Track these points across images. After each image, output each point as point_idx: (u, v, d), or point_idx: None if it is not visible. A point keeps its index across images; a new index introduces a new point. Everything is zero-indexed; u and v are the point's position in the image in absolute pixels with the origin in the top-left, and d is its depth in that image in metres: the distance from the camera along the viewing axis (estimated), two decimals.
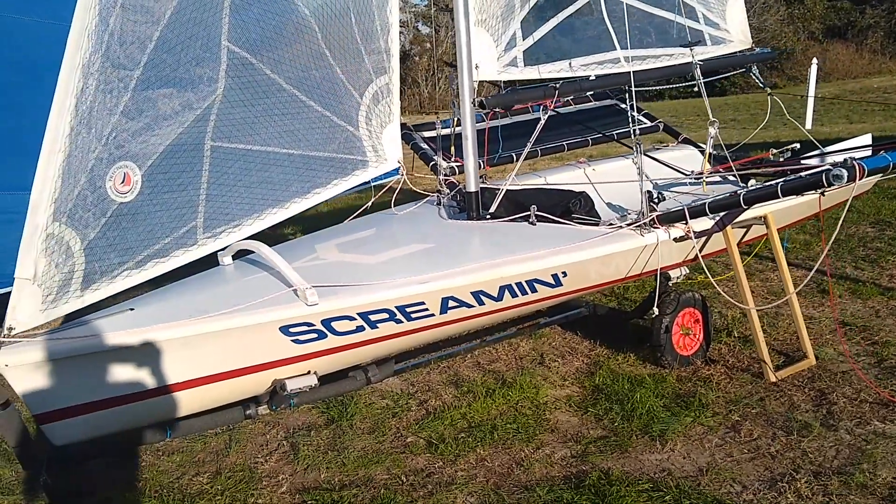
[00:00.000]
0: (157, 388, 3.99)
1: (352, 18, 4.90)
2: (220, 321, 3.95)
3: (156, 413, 4.13)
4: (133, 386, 3.93)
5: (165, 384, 3.99)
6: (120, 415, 3.96)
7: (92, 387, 3.85)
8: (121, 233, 4.04)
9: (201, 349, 3.99)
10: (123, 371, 3.87)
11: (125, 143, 4.01)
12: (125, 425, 4.09)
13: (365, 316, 4.29)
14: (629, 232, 4.79)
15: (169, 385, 4.01)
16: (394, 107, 5.01)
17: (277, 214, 4.60)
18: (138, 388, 3.95)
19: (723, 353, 5.39)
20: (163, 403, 4.05)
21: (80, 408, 3.86)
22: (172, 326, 3.88)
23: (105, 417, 3.93)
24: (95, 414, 3.89)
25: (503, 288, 4.56)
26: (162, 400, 4.03)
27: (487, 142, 6.17)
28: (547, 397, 4.93)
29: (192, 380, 4.07)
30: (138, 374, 3.92)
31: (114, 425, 4.04)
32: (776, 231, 5.21)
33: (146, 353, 3.85)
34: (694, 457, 4.15)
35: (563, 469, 4.12)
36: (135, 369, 3.90)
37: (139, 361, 3.88)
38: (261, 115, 4.44)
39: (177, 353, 3.94)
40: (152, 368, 3.94)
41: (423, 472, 4.19)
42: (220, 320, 3.95)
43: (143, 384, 3.95)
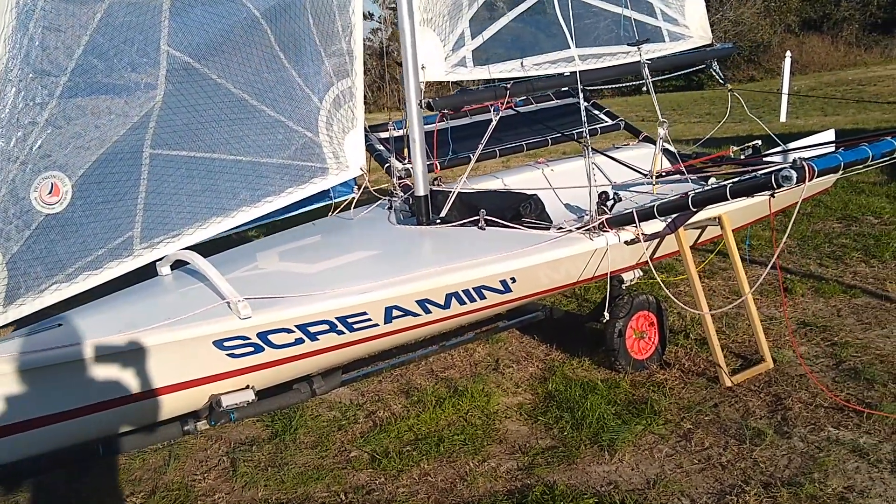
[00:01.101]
0: (90, 406, 3.84)
1: (309, 19, 4.72)
2: (150, 335, 3.79)
3: (89, 431, 3.97)
4: (65, 403, 3.78)
5: (97, 401, 3.84)
6: (49, 434, 3.81)
7: (19, 406, 3.69)
8: (48, 245, 3.88)
9: (133, 365, 3.83)
10: (52, 389, 3.71)
11: (52, 153, 3.84)
12: (56, 444, 3.93)
13: (304, 328, 4.14)
14: (578, 236, 4.66)
15: (102, 402, 3.86)
16: (357, 111, 4.86)
17: (222, 224, 4.44)
18: (69, 405, 3.79)
19: (679, 356, 5.28)
20: (96, 421, 3.90)
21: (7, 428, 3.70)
22: (101, 342, 3.72)
23: (33, 437, 3.77)
24: (24, 434, 3.74)
25: (450, 296, 4.43)
26: (95, 418, 3.87)
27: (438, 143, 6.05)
28: (498, 405, 4.80)
29: (125, 396, 3.92)
30: (68, 391, 3.76)
31: (44, 445, 3.88)
32: (731, 232, 5.10)
33: (74, 369, 3.69)
34: (643, 468, 4.03)
35: (508, 483, 3.99)
36: (64, 386, 3.74)
37: (68, 378, 3.72)
38: (207, 121, 4.27)
39: (107, 370, 3.79)
40: (82, 385, 3.79)
41: (363, 488, 4.05)
42: (150, 335, 3.80)
43: (76, 401, 3.80)
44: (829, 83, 24.69)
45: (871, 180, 9.63)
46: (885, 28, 29.78)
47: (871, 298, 6.05)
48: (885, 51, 29.35)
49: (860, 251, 7.18)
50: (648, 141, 7.08)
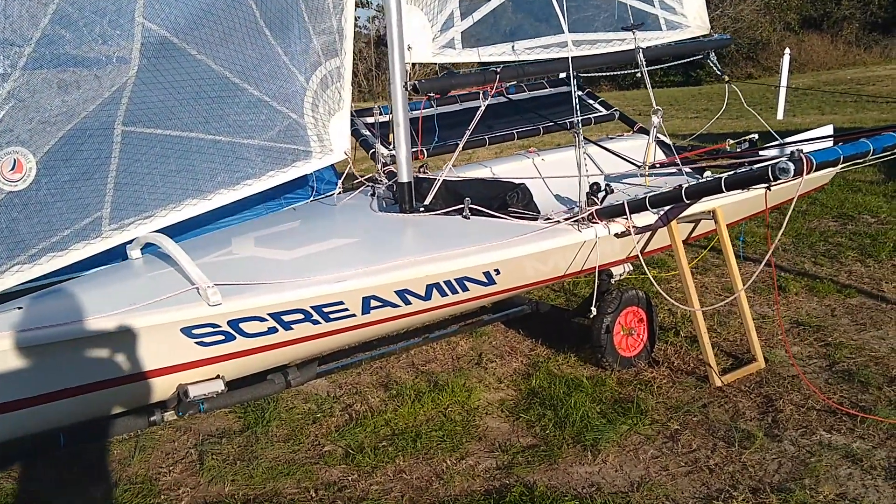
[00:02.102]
0: (49, 394, 3.66)
1: None
2: (115, 320, 3.61)
3: (49, 420, 3.80)
4: (22, 391, 3.60)
5: (58, 389, 3.66)
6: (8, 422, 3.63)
7: None
8: (10, 224, 3.68)
9: (96, 351, 3.65)
10: (9, 375, 3.53)
11: (14, 128, 3.63)
12: (14, 433, 3.76)
13: (277, 317, 3.96)
14: (566, 227, 4.48)
15: (62, 390, 3.68)
16: (344, 93, 4.67)
17: (198, 206, 4.26)
18: (27, 392, 3.61)
19: (668, 354, 5.11)
20: (56, 410, 3.72)
21: None
22: (62, 326, 3.54)
23: None
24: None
25: (431, 286, 4.25)
26: (55, 406, 3.69)
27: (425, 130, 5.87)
28: (479, 401, 4.63)
29: (88, 384, 3.74)
30: (27, 377, 3.58)
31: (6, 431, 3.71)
32: (724, 227, 4.92)
33: (34, 355, 3.51)
34: (627, 470, 3.87)
35: (486, 483, 3.82)
36: (23, 373, 3.56)
37: (27, 364, 3.53)
38: (184, 98, 4.07)
39: (69, 356, 3.61)
40: (41, 372, 3.60)
41: (335, 485, 3.88)
42: (115, 320, 3.61)
43: (33, 389, 3.62)
44: (827, 82, 24.50)
45: (868, 179, 9.48)
46: (885, 28, 29.61)
47: (867, 298, 5.90)
48: (884, 51, 29.19)
49: (856, 250, 7.02)
50: (643, 132, 6.89)
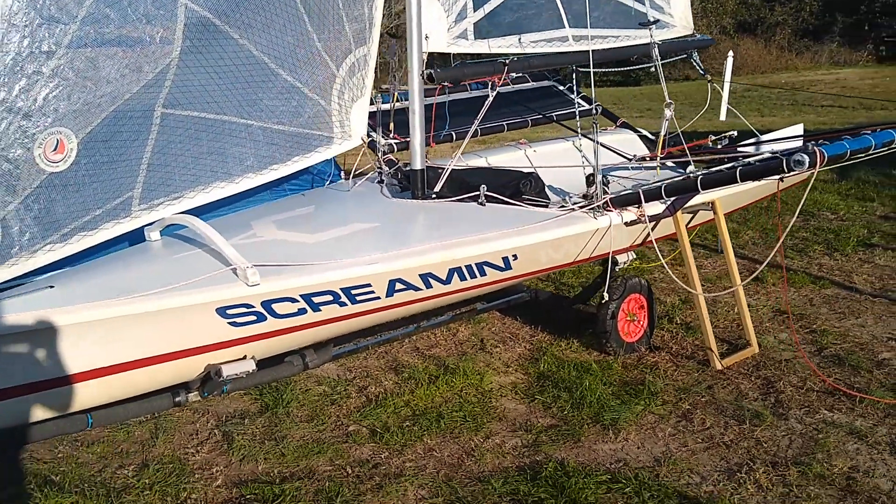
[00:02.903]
0: (80, 373, 3.65)
1: None
2: (151, 301, 3.62)
3: (77, 400, 3.79)
4: (53, 370, 3.58)
5: (89, 369, 3.66)
6: (37, 402, 3.62)
7: (6, 372, 3.49)
8: (48, 204, 3.65)
9: (130, 331, 3.66)
10: (42, 354, 3.51)
11: (58, 107, 3.61)
12: (43, 413, 3.74)
13: (308, 298, 4.02)
14: (581, 215, 4.64)
15: (93, 370, 3.67)
16: (367, 80, 4.74)
17: (226, 189, 4.28)
18: (58, 372, 3.60)
19: (665, 340, 5.32)
20: (85, 390, 3.71)
21: None
22: (98, 306, 3.54)
23: (20, 405, 3.58)
24: (10, 401, 3.54)
25: (452, 271, 4.36)
26: (85, 386, 3.69)
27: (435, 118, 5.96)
28: (492, 384, 4.76)
29: (118, 364, 3.74)
30: (59, 357, 3.57)
31: (30, 413, 3.69)
32: (723, 218, 5.16)
33: (69, 335, 3.50)
34: (648, 446, 4.05)
35: (516, 459, 3.96)
36: (55, 352, 3.54)
37: (60, 344, 3.52)
38: (224, 82, 4.09)
39: (103, 336, 3.61)
40: (75, 351, 3.59)
41: (368, 462, 3.97)
42: (151, 300, 3.62)
43: (65, 369, 3.61)
44: (763, 84, 25.29)
45: (822, 178, 9.89)
46: (816, 34, 30.64)
47: (840, 289, 6.21)
48: (815, 56, 30.21)
49: (822, 244, 7.38)
50: (626, 127, 7.14)
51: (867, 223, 8.01)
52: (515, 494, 3.64)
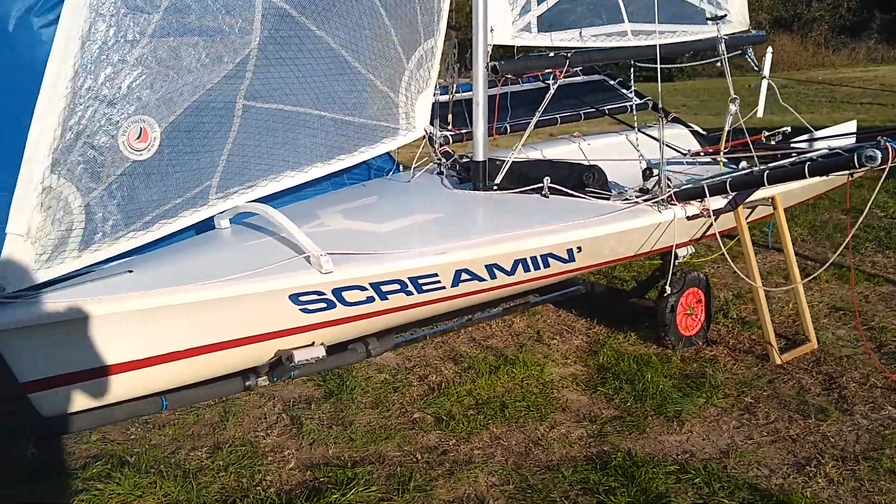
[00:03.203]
0: (158, 356, 3.74)
1: None
2: (230, 287, 3.70)
3: (153, 383, 3.88)
4: (131, 353, 3.67)
5: (166, 352, 3.75)
6: (115, 384, 3.71)
7: (87, 354, 3.57)
8: (131, 192, 3.72)
9: (207, 316, 3.74)
10: (122, 337, 3.60)
11: (142, 95, 3.68)
12: (120, 396, 3.83)
13: (377, 286, 4.08)
14: (645, 208, 4.67)
15: (170, 353, 3.76)
16: (433, 72, 4.79)
17: (295, 178, 4.35)
18: (137, 355, 3.69)
19: (722, 334, 5.34)
20: (161, 373, 3.81)
21: (72, 376, 3.59)
22: (180, 291, 3.62)
23: (99, 386, 3.67)
24: (89, 383, 3.63)
25: (518, 262, 4.41)
26: (161, 369, 3.78)
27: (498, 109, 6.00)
28: (552, 375, 4.80)
29: (194, 348, 3.83)
30: (138, 340, 3.66)
31: (108, 395, 3.78)
32: (783, 213, 5.16)
33: (149, 318, 3.58)
34: (713, 439, 4.08)
35: (584, 449, 4.00)
36: (134, 335, 3.63)
37: (140, 327, 3.61)
38: (303, 75, 4.15)
39: (181, 320, 3.69)
40: (154, 335, 3.69)
41: (436, 449, 4.02)
42: (230, 286, 3.70)
43: (143, 351, 3.70)
44: (801, 81, 25.08)
45: (868, 175, 9.81)
46: (853, 31, 30.33)
47: (895, 287, 6.18)
48: (851, 53, 29.90)
49: (873, 242, 7.34)
50: (677, 122, 7.14)
51: None
52: (586, 483, 3.69)
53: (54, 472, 3.86)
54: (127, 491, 3.65)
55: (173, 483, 3.72)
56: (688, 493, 3.58)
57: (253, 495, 3.62)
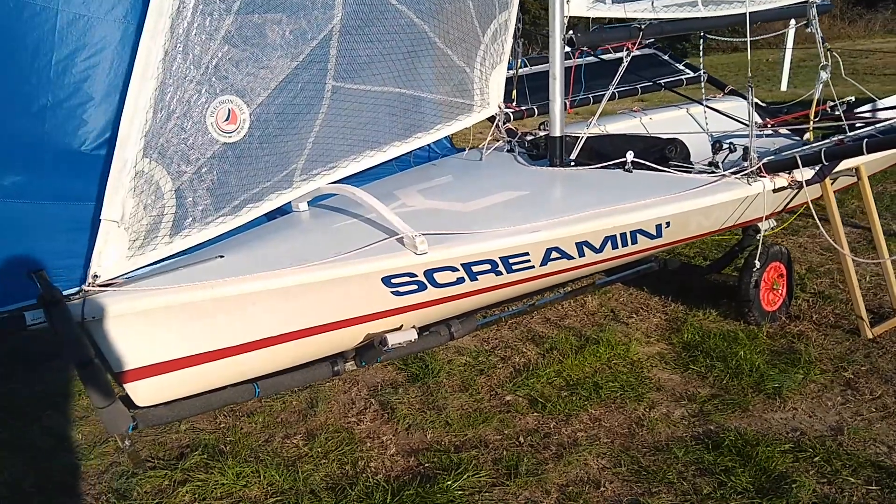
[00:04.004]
0: (251, 343, 3.65)
1: None
2: (325, 270, 3.60)
3: (247, 370, 3.79)
4: (226, 340, 3.59)
5: (260, 338, 3.66)
6: (209, 372, 3.62)
7: (181, 342, 3.49)
8: (221, 176, 3.61)
9: (301, 300, 3.65)
10: (216, 324, 3.51)
11: (229, 75, 3.56)
12: (214, 383, 3.75)
13: (468, 267, 3.98)
14: (735, 181, 4.54)
15: (263, 339, 3.67)
16: (507, 45, 4.67)
17: (375, 157, 4.24)
18: (231, 342, 3.61)
19: (804, 309, 5.22)
20: (255, 359, 3.72)
21: (167, 365, 3.50)
22: (277, 275, 3.52)
23: (193, 375, 3.58)
24: (184, 371, 3.54)
25: (607, 239, 4.29)
26: (254, 356, 3.69)
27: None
28: (638, 354, 4.70)
29: (287, 333, 3.74)
30: (232, 327, 3.57)
31: (202, 383, 3.70)
32: (868, 183, 5.03)
33: (243, 304, 3.49)
34: (820, 415, 3.97)
35: (689, 429, 3.90)
36: (229, 322, 3.54)
37: (234, 313, 3.52)
38: (385, 52, 4.04)
39: (276, 305, 3.60)
40: (248, 321, 3.59)
41: (537, 432, 3.93)
42: (325, 269, 3.60)
43: (237, 338, 3.61)
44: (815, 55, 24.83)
45: None
46: (870, 2, 30.00)
47: None
48: (868, 25, 29.59)
49: None
50: (734, 94, 7.01)
51: None
52: (700, 463, 3.59)
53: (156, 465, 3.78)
54: (231, 481, 3.56)
55: (276, 471, 3.63)
56: (809, 473, 3.48)
57: (362, 482, 3.53)
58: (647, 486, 3.46)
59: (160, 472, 3.67)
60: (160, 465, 3.75)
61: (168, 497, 3.52)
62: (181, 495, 3.50)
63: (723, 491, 3.37)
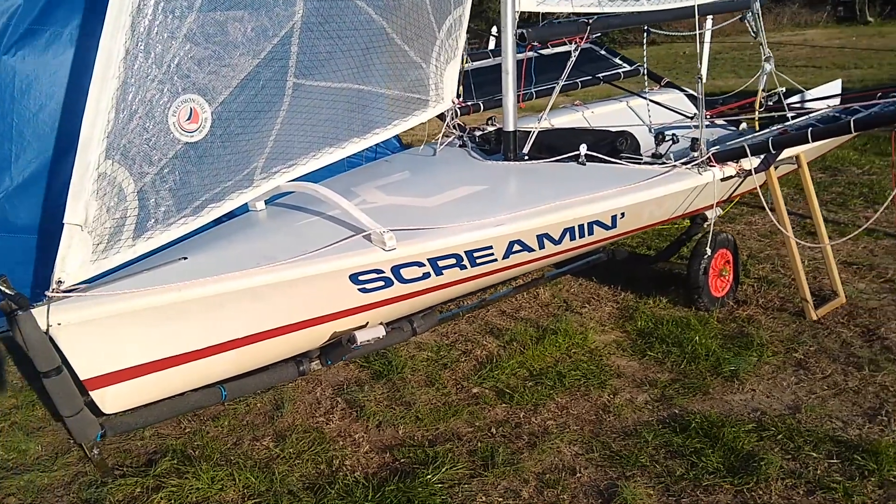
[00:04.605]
0: (219, 345, 3.62)
1: None
2: (294, 269, 3.59)
3: (214, 372, 3.76)
4: (193, 343, 3.55)
5: (228, 340, 3.62)
6: (177, 376, 3.58)
7: (149, 346, 3.44)
8: (183, 176, 3.57)
9: (269, 300, 3.62)
10: (184, 327, 3.47)
11: (190, 73, 3.51)
12: (182, 387, 3.70)
13: (433, 262, 4.01)
14: (686, 171, 4.67)
15: (231, 341, 3.64)
16: (461, 40, 4.71)
17: (333, 154, 4.24)
18: (199, 345, 3.57)
19: (749, 293, 5.40)
20: (222, 362, 3.69)
21: (134, 370, 3.44)
22: (246, 275, 3.49)
23: (160, 380, 3.53)
24: (151, 376, 3.49)
25: (566, 230, 4.37)
26: (221, 358, 3.67)
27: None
28: (595, 342, 4.79)
29: (255, 334, 3.71)
30: (200, 329, 3.53)
31: (169, 388, 3.65)
32: (808, 171, 5.23)
33: (210, 305, 3.45)
34: (777, 395, 4.12)
35: (654, 413, 4.01)
36: (195, 325, 3.51)
37: (201, 315, 3.48)
38: (346, 48, 4.04)
39: (244, 306, 3.57)
40: (214, 323, 3.56)
41: (508, 423, 3.98)
42: (294, 268, 3.59)
43: (205, 340, 3.57)
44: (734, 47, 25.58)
45: None
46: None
47: None
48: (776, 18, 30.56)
49: (859, 198, 7.51)
50: (671, 86, 7.19)
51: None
52: (670, 446, 3.69)
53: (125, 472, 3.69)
54: (206, 485, 3.51)
55: (250, 474, 3.59)
56: (774, 450, 3.61)
57: (340, 480, 3.52)
58: (622, 471, 3.54)
59: (130, 480, 3.58)
60: (129, 472, 3.67)
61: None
62: (156, 502, 3.43)
63: (695, 472, 3.48)
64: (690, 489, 3.39)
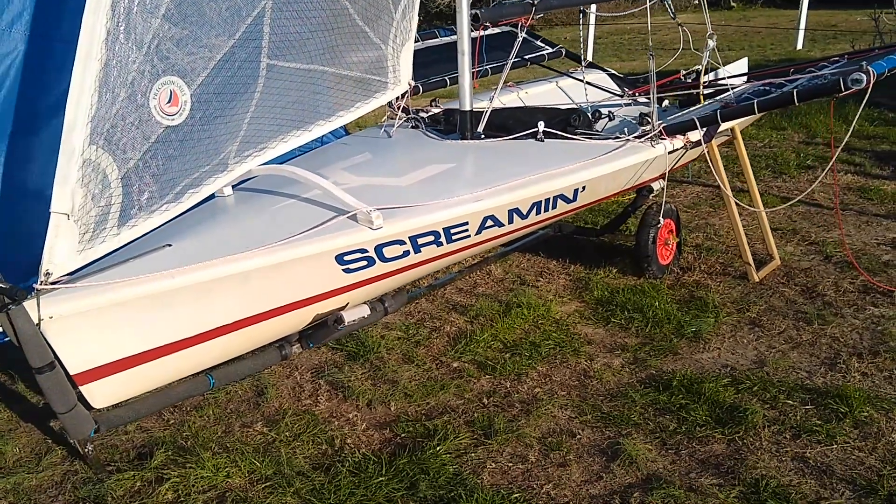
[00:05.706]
0: (208, 332, 3.57)
1: None
2: (285, 251, 3.57)
3: (202, 360, 3.70)
4: (183, 331, 3.49)
5: (217, 326, 3.58)
6: (167, 366, 3.51)
7: (139, 336, 3.36)
8: (165, 161, 3.48)
9: (258, 284, 3.59)
10: (173, 315, 3.41)
11: (170, 55, 3.42)
12: (171, 378, 3.63)
13: (414, 239, 4.05)
14: (640, 145, 4.86)
15: (220, 327, 3.60)
16: (414, 22, 4.72)
17: (301, 137, 4.21)
18: (188, 332, 3.51)
19: (690, 261, 5.67)
20: (211, 349, 3.64)
21: (124, 362, 3.36)
22: (236, 259, 3.45)
23: (151, 370, 3.46)
24: (141, 367, 3.41)
25: (534, 205, 4.49)
26: (210, 345, 3.61)
27: None
28: (559, 313, 4.95)
29: (243, 320, 3.67)
30: (188, 317, 3.48)
31: (159, 379, 3.58)
32: (742, 143, 5.53)
33: (199, 292, 3.40)
34: (741, 352, 4.38)
35: (634, 375, 4.19)
36: (184, 312, 3.45)
37: (189, 303, 3.43)
38: (313, 29, 4.02)
39: (233, 290, 3.53)
40: (203, 310, 3.51)
41: (496, 393, 4.08)
42: (285, 250, 3.57)
43: (193, 329, 3.51)
44: (612, 32, 26.40)
45: None
46: None
47: (809, 207, 6.78)
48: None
49: (767, 169, 7.97)
50: (593, 66, 7.43)
51: (793, 148, 8.70)
52: (657, 404, 3.88)
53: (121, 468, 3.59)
54: (211, 473, 3.45)
55: (254, 458, 3.55)
56: (753, 401, 3.85)
57: (349, 458, 3.54)
58: (618, 430, 3.70)
59: (127, 475, 3.49)
60: (123, 467, 3.57)
61: (147, 497, 3.36)
62: (162, 493, 3.36)
63: (686, 426, 3.68)
64: (686, 441, 3.58)
